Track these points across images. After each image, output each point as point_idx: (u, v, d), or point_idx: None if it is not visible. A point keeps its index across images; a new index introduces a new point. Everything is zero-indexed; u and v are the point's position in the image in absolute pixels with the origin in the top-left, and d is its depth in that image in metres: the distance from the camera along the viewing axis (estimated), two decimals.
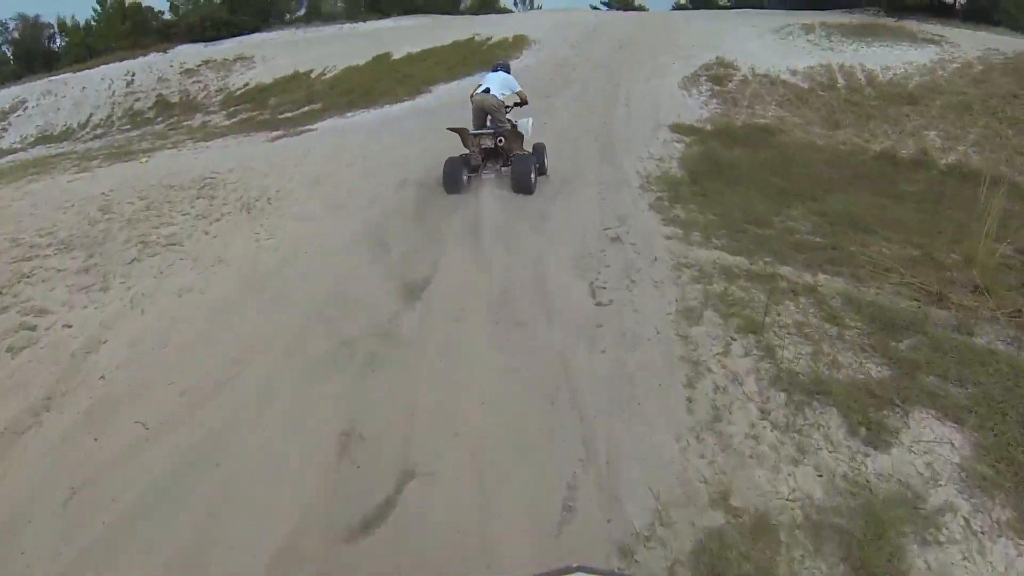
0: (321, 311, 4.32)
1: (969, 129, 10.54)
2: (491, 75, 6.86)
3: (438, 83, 16.05)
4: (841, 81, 13.38)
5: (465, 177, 6.42)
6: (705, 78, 13.45)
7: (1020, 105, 11.08)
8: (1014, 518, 2.54)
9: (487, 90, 6.55)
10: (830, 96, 12.38)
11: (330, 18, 31.23)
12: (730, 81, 13.28)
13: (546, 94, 12.38)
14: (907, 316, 3.89)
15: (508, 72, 6.99)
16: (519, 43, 18.02)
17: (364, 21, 29.64)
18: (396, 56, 20.50)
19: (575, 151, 8.70)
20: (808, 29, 17.41)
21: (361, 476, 2.87)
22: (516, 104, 6.86)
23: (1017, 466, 2.74)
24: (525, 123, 6.84)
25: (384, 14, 30.25)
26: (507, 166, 6.55)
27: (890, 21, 18.46)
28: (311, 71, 21.62)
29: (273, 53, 25.08)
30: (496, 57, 16.64)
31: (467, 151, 6.59)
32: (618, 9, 30.24)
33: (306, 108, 17.40)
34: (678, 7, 31.51)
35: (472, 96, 6.77)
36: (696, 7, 29.23)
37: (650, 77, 13.73)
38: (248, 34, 30.18)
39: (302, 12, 31.83)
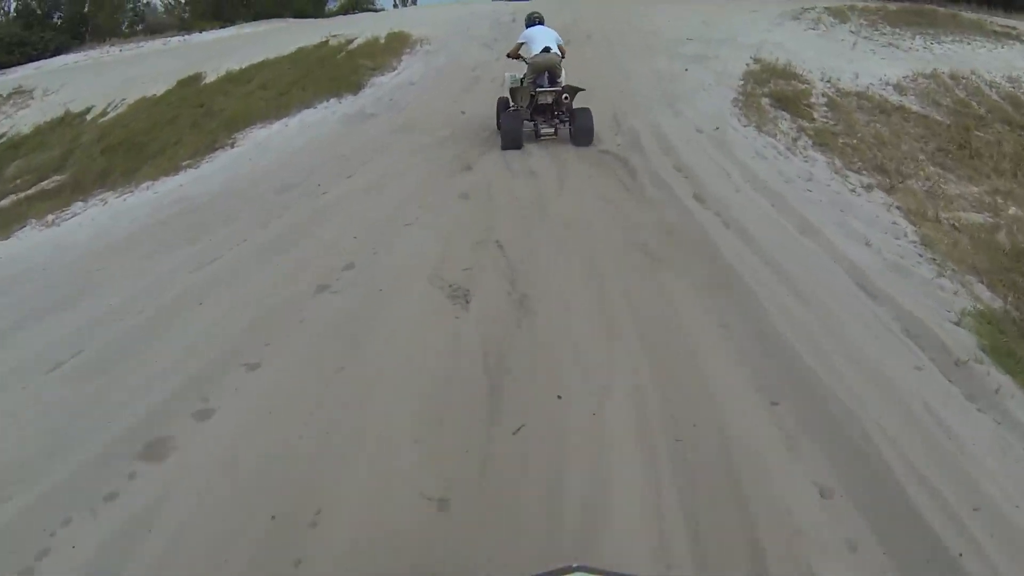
0: None
1: None
2: (540, 31, 6.18)
3: (253, 125, 9.00)
4: (973, 102, 7.66)
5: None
6: (768, 101, 7.13)
7: None
8: None
9: (547, 49, 5.97)
10: (991, 135, 6.52)
11: (158, 30, 23.35)
12: (811, 106, 7.10)
13: (439, 159, 5.96)
14: None
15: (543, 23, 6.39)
16: (397, 44, 11.14)
17: (201, 31, 22.05)
18: (210, 78, 13.27)
19: None
20: (838, 15, 11.43)
21: None
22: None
23: None
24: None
25: (227, 21, 22.69)
26: (563, 122, 6.18)
27: (929, 6, 13.14)
28: (90, 109, 14.10)
29: (62, 83, 17.37)
30: (358, 69, 9.87)
31: (517, 106, 6.24)
32: None
33: (45, 183, 10.09)
34: None
35: (532, 60, 6.01)
36: None
37: (664, 101, 7.33)
38: (51, 56, 22.04)
39: (124, 26, 23.74)
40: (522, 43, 6.19)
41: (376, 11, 23.12)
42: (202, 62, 14.66)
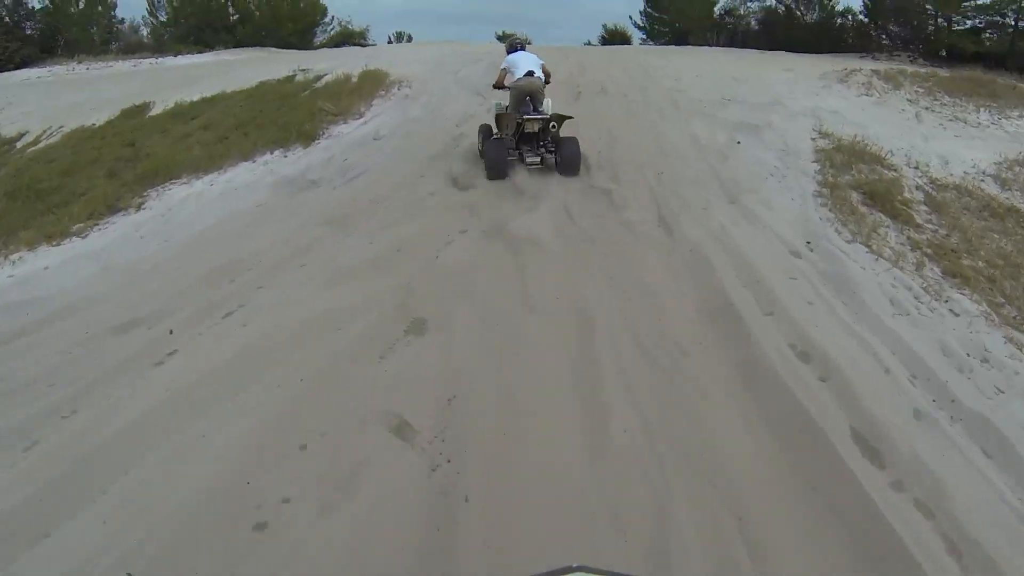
0: None
1: None
2: (522, 56, 5.89)
3: (175, 180, 6.97)
4: None
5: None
6: (857, 196, 5.12)
7: None
8: None
9: (531, 73, 5.75)
10: None
11: (133, 50, 21.54)
12: (907, 203, 5.02)
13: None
14: None
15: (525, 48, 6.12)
16: (370, 85, 9.18)
17: (176, 55, 20.24)
18: (157, 109, 11.29)
19: None
20: (889, 80, 9.62)
21: None
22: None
23: None
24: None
25: (207, 47, 20.92)
26: (549, 152, 5.90)
27: (987, 76, 11.42)
28: (23, 134, 12.29)
29: (8, 100, 15.66)
30: (316, 114, 7.93)
31: (500, 135, 6.02)
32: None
33: None
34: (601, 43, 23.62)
35: (513, 84, 5.77)
36: (612, 43, 21.76)
37: (722, 190, 5.33)
38: (14, 69, 20.20)
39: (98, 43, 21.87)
40: (505, 69, 5.89)
41: (365, 46, 21.44)
42: (159, 90, 12.80)
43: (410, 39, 26.04)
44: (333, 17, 23.74)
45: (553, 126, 5.77)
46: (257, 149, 7.33)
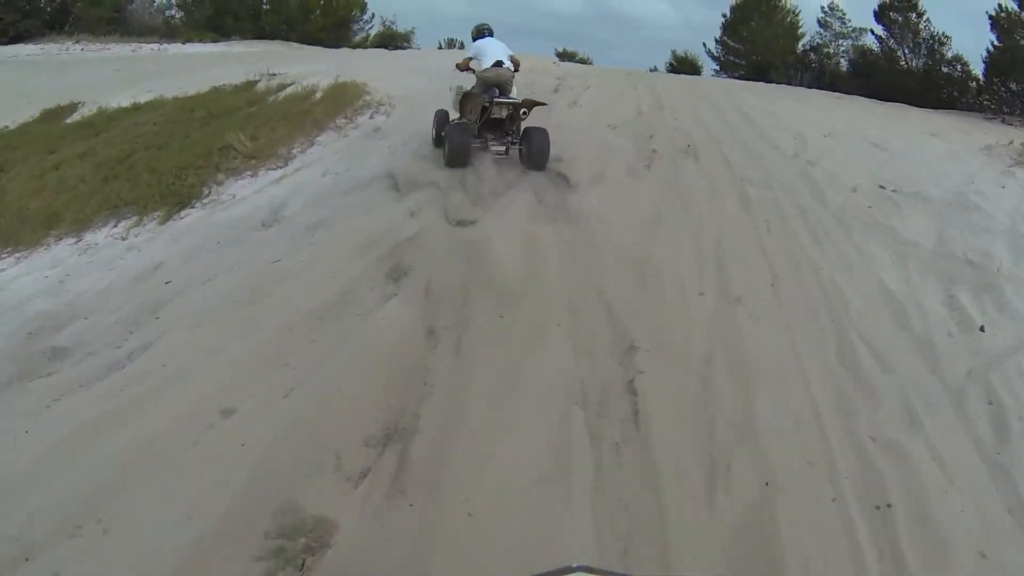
0: None
1: None
2: (491, 43, 5.39)
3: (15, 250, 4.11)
4: None
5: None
6: None
7: None
8: None
9: (499, 63, 5.25)
10: None
11: (142, 32, 19.17)
12: None
13: None
14: None
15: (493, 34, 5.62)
16: (333, 107, 6.01)
17: (184, 43, 17.74)
18: (84, 112, 8.53)
19: None
20: None
21: None
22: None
23: None
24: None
25: (223, 36, 18.38)
26: (515, 142, 5.35)
27: None
28: None
29: None
30: (217, 154, 4.86)
31: (465, 119, 5.39)
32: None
33: None
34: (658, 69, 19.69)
35: (480, 74, 5.29)
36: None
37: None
38: (6, 43, 18.10)
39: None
40: (471, 57, 5.41)
41: (399, 49, 18.58)
42: (116, 84, 10.04)
43: (461, 46, 23.04)
44: (374, 15, 20.88)
45: (524, 113, 5.26)
46: (99, 214, 4.32)
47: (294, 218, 3.83)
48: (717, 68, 19.20)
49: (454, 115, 5.41)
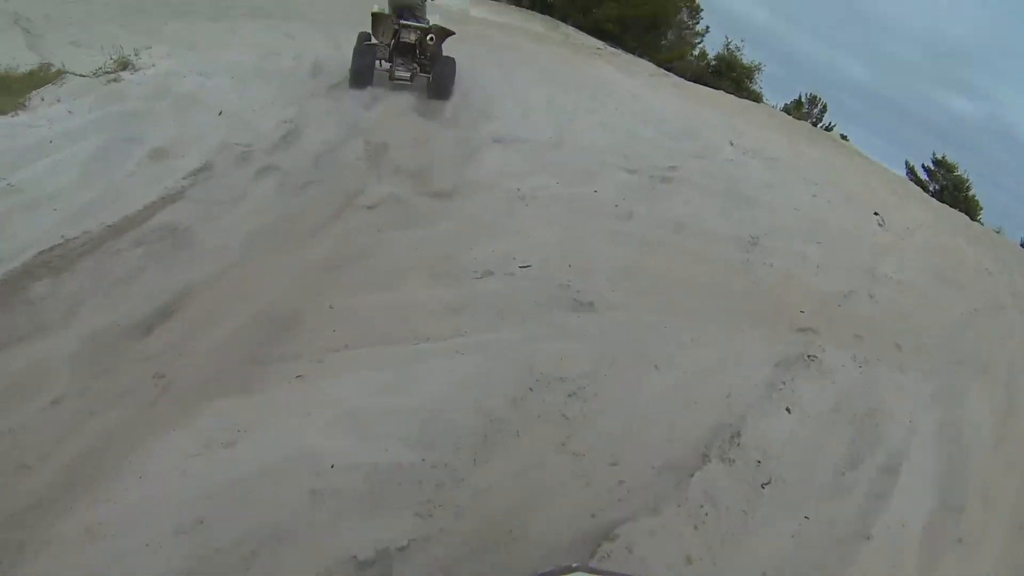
0: None
1: None
2: None
3: None
4: None
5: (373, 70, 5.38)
6: None
7: None
8: None
9: None
10: None
11: None
12: None
13: None
14: None
15: None
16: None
17: None
18: None
19: None
20: None
21: None
22: None
23: None
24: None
25: None
26: (424, 72, 5.41)
27: None
28: None
29: None
30: None
31: (376, 41, 5.41)
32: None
33: None
34: None
35: None
36: None
37: None
38: None
39: None
40: None
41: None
42: None
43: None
44: None
45: (431, 39, 5.18)
46: None
47: None
48: None
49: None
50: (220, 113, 4.81)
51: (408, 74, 5.19)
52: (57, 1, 6.75)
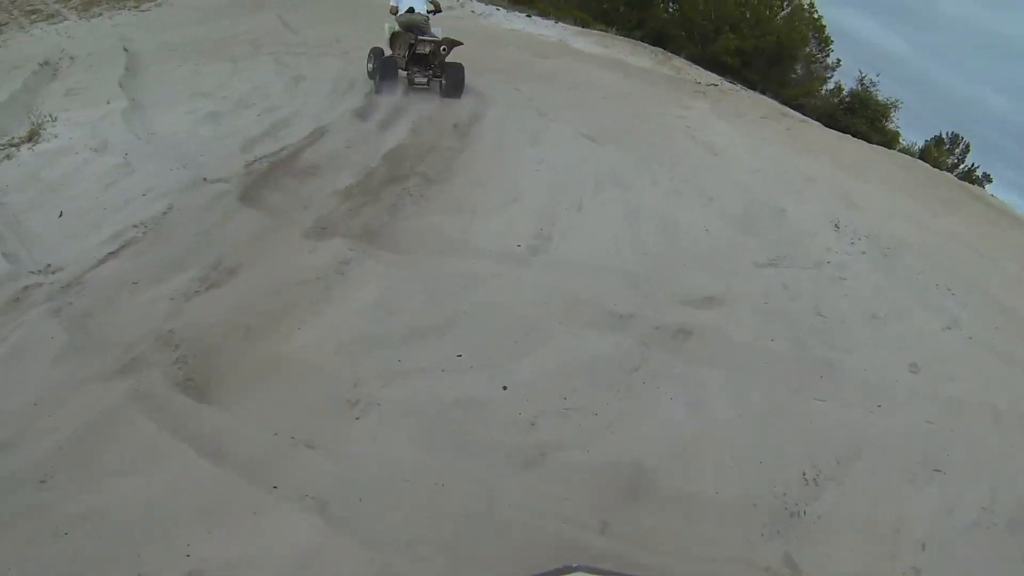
0: None
1: None
2: None
3: None
4: None
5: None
6: None
7: None
8: None
9: (411, 9, 6.13)
10: None
11: None
12: None
13: None
14: None
15: None
16: None
17: None
18: None
19: None
20: None
21: None
22: (431, 12, 6.38)
23: None
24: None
25: None
26: (437, 76, 6.18)
27: None
28: None
29: None
30: None
31: (391, 54, 6.22)
32: None
33: None
34: None
35: (398, 19, 6.12)
36: None
37: None
38: None
39: None
40: (393, 3, 6.12)
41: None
42: None
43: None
44: None
45: (444, 49, 5.89)
46: None
47: None
48: None
49: (389, 52, 6.05)
50: (60, 215, 3.71)
51: (425, 80, 6.00)
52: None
